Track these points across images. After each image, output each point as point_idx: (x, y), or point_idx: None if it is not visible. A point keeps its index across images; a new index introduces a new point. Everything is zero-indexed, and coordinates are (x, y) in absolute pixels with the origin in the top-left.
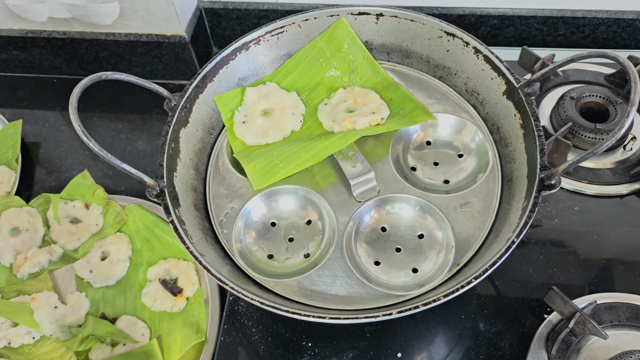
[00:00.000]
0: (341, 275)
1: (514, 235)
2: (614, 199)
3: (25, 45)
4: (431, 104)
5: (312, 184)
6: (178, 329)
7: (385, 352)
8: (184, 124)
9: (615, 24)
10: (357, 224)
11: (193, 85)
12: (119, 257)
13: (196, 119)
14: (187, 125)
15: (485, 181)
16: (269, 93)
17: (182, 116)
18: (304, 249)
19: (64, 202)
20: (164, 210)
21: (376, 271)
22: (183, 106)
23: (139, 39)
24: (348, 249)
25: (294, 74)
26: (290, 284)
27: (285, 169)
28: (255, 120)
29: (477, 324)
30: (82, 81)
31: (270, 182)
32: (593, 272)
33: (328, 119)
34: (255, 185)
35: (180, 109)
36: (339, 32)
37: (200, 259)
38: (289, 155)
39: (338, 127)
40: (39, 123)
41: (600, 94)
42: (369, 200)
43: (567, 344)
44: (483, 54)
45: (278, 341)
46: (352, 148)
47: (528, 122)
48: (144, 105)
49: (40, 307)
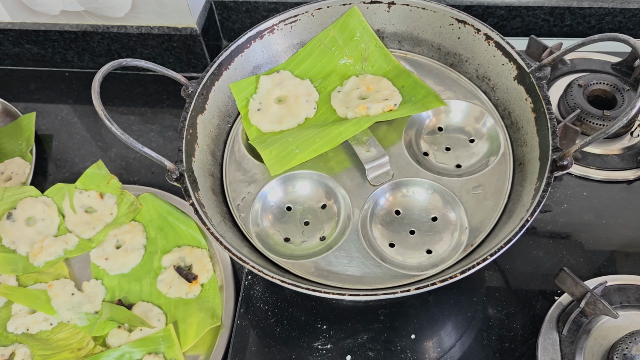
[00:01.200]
0: (357, 256)
1: (527, 214)
2: (622, 185)
3: (37, 39)
4: (442, 91)
5: (326, 168)
6: (194, 315)
7: (400, 334)
8: (201, 111)
9: (621, 14)
10: (372, 207)
11: (209, 73)
12: (133, 246)
13: (212, 105)
14: (203, 112)
15: (497, 164)
16: (283, 81)
17: (199, 103)
18: (319, 231)
19: (79, 192)
20: (184, 193)
21: (391, 252)
22: (200, 93)
23: (150, 32)
24: (364, 231)
25: (307, 62)
26: (307, 264)
27: (301, 155)
28: (269, 107)
29: (489, 306)
30: (104, 67)
31: (287, 167)
32: (602, 256)
33: (342, 105)
34: (272, 170)
35: (197, 96)
36: (351, 21)
37: (221, 240)
38: (304, 141)
39: (352, 113)
40: (51, 116)
41: (607, 81)
42: (384, 184)
43: (578, 325)
44: (494, 40)
45: (294, 324)
46: (366, 133)
47: (539, 106)
48: (155, 97)
49: (57, 294)
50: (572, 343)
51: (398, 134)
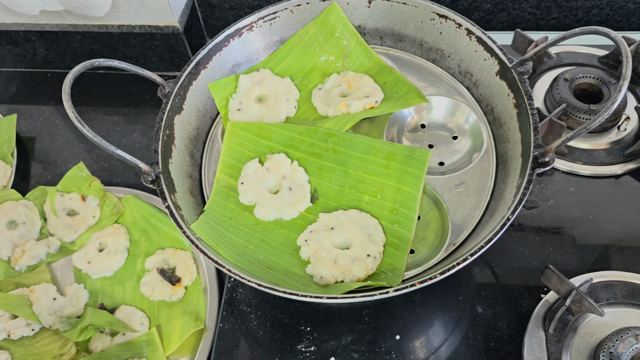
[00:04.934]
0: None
1: (508, 212)
2: (609, 179)
3: (18, 40)
4: (425, 87)
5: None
6: (177, 318)
7: (384, 335)
8: (178, 111)
9: (608, 7)
10: None
11: (186, 72)
12: (116, 248)
13: (190, 106)
14: (181, 112)
15: (479, 161)
16: (263, 79)
17: (176, 103)
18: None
19: (60, 195)
20: (160, 195)
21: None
22: (177, 93)
23: (131, 31)
24: None
25: (287, 59)
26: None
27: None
28: (250, 107)
29: (475, 305)
30: (75, 68)
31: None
32: (589, 252)
33: (322, 103)
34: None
35: (174, 96)
36: (332, 17)
37: (196, 243)
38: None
39: (332, 111)
40: (33, 117)
41: (593, 75)
42: None
43: (564, 323)
44: (476, 35)
45: (277, 326)
46: (347, 131)
47: (521, 101)
48: (139, 97)
49: (38, 299)
50: (559, 341)
51: (380, 132)
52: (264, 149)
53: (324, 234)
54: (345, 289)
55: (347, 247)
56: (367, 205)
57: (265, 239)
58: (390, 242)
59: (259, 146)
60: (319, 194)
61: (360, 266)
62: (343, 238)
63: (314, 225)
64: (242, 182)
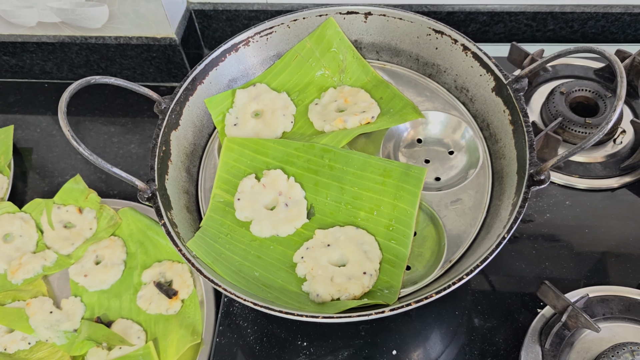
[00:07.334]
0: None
1: (504, 231)
2: (605, 193)
3: (15, 51)
4: (421, 102)
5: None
6: (174, 332)
7: (381, 350)
8: (175, 127)
9: (604, 19)
10: None
11: (183, 88)
12: (113, 261)
13: (187, 121)
14: (177, 127)
15: (475, 177)
16: (260, 94)
17: (173, 119)
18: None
19: (57, 207)
20: (156, 213)
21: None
22: (173, 109)
23: (129, 42)
24: None
25: (284, 74)
26: None
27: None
28: (246, 122)
29: (471, 319)
30: (71, 86)
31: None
32: (585, 266)
33: (319, 118)
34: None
35: (170, 112)
36: (328, 32)
37: (192, 261)
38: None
39: (329, 126)
40: (30, 128)
41: (589, 88)
42: None
43: (561, 338)
44: (471, 51)
45: (273, 341)
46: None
47: (517, 118)
48: (136, 108)
49: (35, 313)
50: (555, 357)
51: (376, 147)
52: (261, 164)
53: (320, 251)
54: (342, 307)
55: (343, 264)
56: (363, 222)
57: (262, 256)
58: (387, 259)
59: (256, 162)
60: (315, 210)
61: (356, 284)
62: (339, 255)
63: (310, 242)
64: (238, 198)
